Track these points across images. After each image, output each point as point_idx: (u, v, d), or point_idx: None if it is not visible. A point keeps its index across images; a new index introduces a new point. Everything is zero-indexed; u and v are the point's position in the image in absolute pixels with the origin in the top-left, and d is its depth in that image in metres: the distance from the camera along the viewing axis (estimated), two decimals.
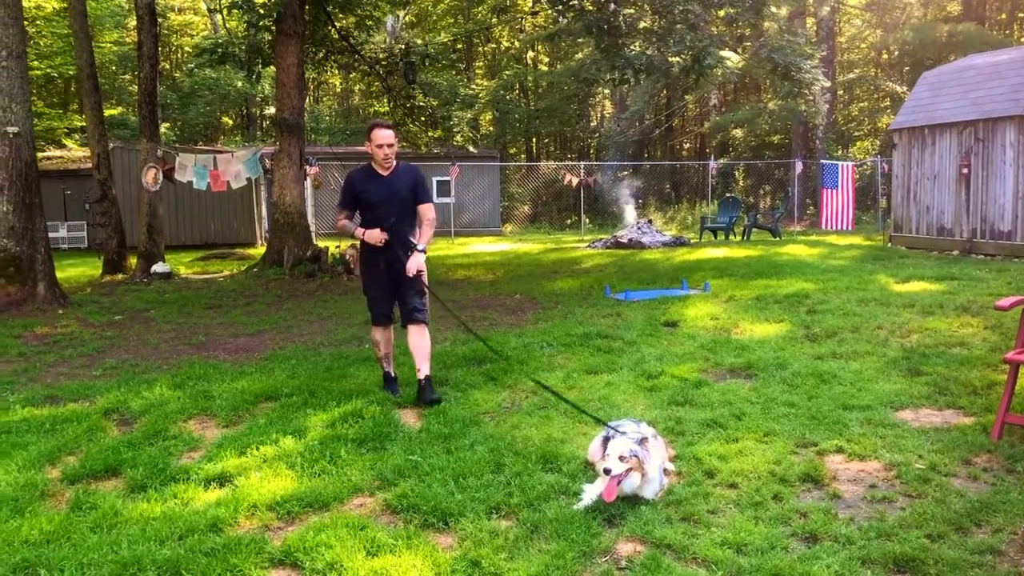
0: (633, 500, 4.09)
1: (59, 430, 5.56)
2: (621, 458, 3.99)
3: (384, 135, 5.92)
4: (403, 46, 19.03)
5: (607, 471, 3.97)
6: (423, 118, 20.04)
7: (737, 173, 36.16)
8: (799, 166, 25.32)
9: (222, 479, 4.55)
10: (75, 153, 29.69)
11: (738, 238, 21.99)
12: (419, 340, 6.11)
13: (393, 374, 6.42)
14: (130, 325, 10.24)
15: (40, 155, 17.83)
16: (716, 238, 22.02)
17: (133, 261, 16.17)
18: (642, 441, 4.18)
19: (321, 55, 18.47)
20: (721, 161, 32.06)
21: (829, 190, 22.76)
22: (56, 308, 11.05)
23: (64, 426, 5.63)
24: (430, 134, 21.06)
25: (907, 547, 3.55)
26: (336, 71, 21.57)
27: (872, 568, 3.43)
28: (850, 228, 23.07)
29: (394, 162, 6.05)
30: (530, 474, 4.47)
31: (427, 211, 6.10)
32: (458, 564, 3.50)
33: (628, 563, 3.52)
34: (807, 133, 31.84)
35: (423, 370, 6.08)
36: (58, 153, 29.75)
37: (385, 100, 22.67)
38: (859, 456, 4.70)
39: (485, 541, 3.70)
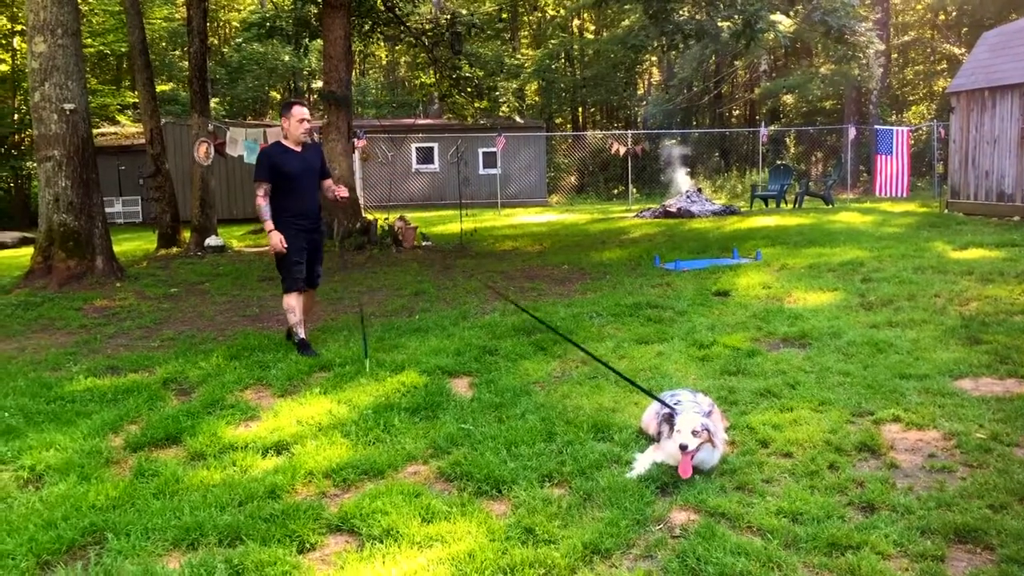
0: (699, 471, 4.06)
1: (121, 400, 5.70)
2: (694, 433, 3.96)
3: (305, 112, 6.79)
4: (448, 16, 18.93)
5: (683, 447, 3.92)
6: (469, 89, 19.97)
7: (788, 140, 35.52)
8: (852, 132, 24.73)
9: (279, 447, 4.64)
10: (128, 129, 30.23)
11: (789, 206, 21.63)
12: (313, 303, 7.41)
13: (307, 337, 6.99)
14: (186, 297, 10.44)
15: (95, 131, 18.10)
16: (767, 206, 21.68)
17: (187, 235, 16.45)
18: (709, 413, 4.20)
19: (367, 27, 18.45)
20: (772, 128, 31.46)
21: (883, 156, 22.23)
22: (114, 281, 11.29)
23: (125, 396, 5.77)
24: (476, 105, 20.99)
25: (968, 517, 3.48)
26: (382, 43, 21.57)
27: (932, 538, 3.38)
28: (905, 195, 22.55)
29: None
30: (582, 443, 4.48)
31: (333, 183, 7.08)
32: (512, 531, 3.52)
33: (683, 531, 3.51)
34: (860, 98, 31.09)
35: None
36: (112, 129, 30.32)
37: (431, 71, 22.65)
38: (917, 425, 4.62)
39: (538, 509, 3.72)
